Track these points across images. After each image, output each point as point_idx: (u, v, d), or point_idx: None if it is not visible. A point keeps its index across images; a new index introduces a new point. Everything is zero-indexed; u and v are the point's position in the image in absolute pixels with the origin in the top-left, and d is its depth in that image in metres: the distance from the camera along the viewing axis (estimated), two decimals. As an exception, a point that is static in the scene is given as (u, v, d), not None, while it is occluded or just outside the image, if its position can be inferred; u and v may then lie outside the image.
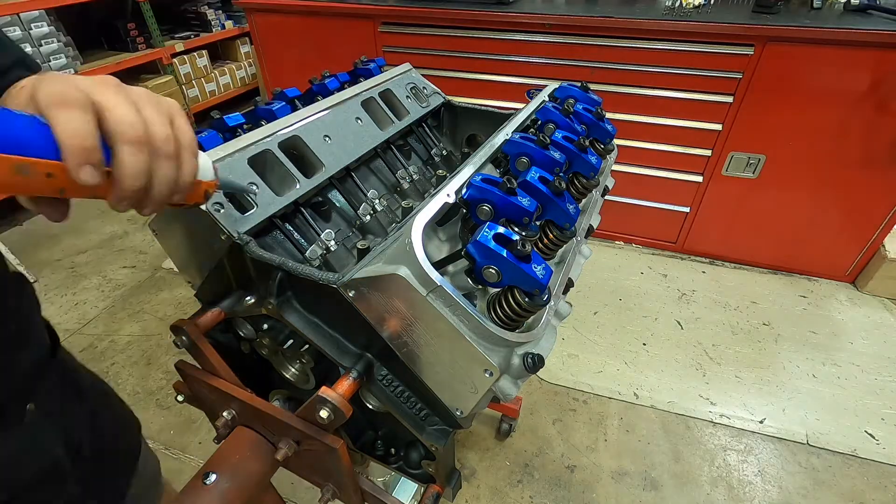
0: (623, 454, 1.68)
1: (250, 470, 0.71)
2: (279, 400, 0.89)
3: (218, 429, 0.77)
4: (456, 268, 0.69)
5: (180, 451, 1.70)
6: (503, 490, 1.58)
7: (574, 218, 0.66)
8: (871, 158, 2.02)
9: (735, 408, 1.83)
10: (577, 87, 0.95)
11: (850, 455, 1.68)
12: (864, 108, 1.92)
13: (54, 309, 2.31)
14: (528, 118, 0.85)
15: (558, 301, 0.70)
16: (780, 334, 2.13)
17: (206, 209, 0.64)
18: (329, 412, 0.62)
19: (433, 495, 0.76)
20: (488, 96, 2.40)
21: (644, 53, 2.07)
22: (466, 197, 0.62)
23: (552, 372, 1.96)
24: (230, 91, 4.27)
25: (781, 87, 1.98)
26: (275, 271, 0.66)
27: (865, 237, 2.23)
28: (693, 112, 2.15)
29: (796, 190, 2.20)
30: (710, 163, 2.25)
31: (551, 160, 0.70)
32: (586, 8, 2.19)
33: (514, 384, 0.59)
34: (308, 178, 0.80)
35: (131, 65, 3.41)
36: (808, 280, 2.43)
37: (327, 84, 0.97)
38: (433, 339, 0.56)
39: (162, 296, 2.39)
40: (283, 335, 0.79)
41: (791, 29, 1.85)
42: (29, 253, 2.68)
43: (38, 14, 2.80)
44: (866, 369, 1.97)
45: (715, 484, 1.60)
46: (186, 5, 4.00)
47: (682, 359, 2.02)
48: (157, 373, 1.99)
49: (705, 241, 2.52)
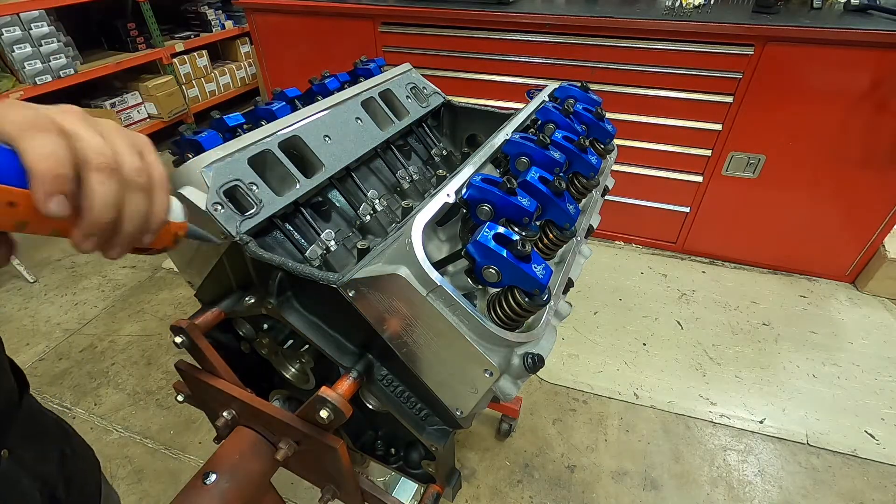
0: (623, 454, 1.68)
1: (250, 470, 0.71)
2: (279, 400, 0.89)
3: (218, 429, 0.77)
4: (456, 268, 0.69)
5: (180, 451, 1.70)
6: (503, 490, 1.58)
7: (574, 218, 0.66)
8: (871, 158, 2.02)
9: (735, 408, 1.83)
10: (577, 87, 0.95)
11: (850, 455, 1.68)
12: (864, 108, 1.92)
13: (54, 309, 2.31)
14: (528, 118, 0.85)
15: (558, 301, 0.70)
16: (780, 334, 2.13)
17: (206, 209, 0.64)
18: (329, 412, 0.62)
19: (433, 495, 0.76)
20: (488, 96, 2.40)
21: (644, 53, 2.07)
22: (466, 197, 0.62)
23: (552, 372, 1.96)
24: (230, 91, 4.27)
25: (781, 88, 1.98)
26: (275, 271, 0.66)
27: (865, 237, 2.23)
28: (693, 112, 2.15)
29: (796, 190, 2.20)
30: (710, 163, 2.25)
31: (551, 160, 0.70)
32: (586, 8, 2.19)
33: (514, 384, 0.59)
34: (308, 178, 0.80)
35: (131, 65, 3.41)
36: (808, 280, 2.43)
37: (327, 84, 0.97)
38: (433, 339, 0.56)
39: (162, 296, 2.39)
40: (283, 335, 0.79)
41: (791, 29, 1.85)
42: (29, 253, 2.68)
43: (38, 14, 2.80)
44: (866, 369, 1.97)
45: (715, 484, 1.60)
46: (186, 5, 4.00)
47: (682, 359, 2.02)
48: (157, 373, 1.99)
49: (705, 241, 2.52)
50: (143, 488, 1.59)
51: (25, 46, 2.78)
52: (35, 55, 2.82)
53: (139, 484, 1.60)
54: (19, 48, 2.76)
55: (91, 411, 1.84)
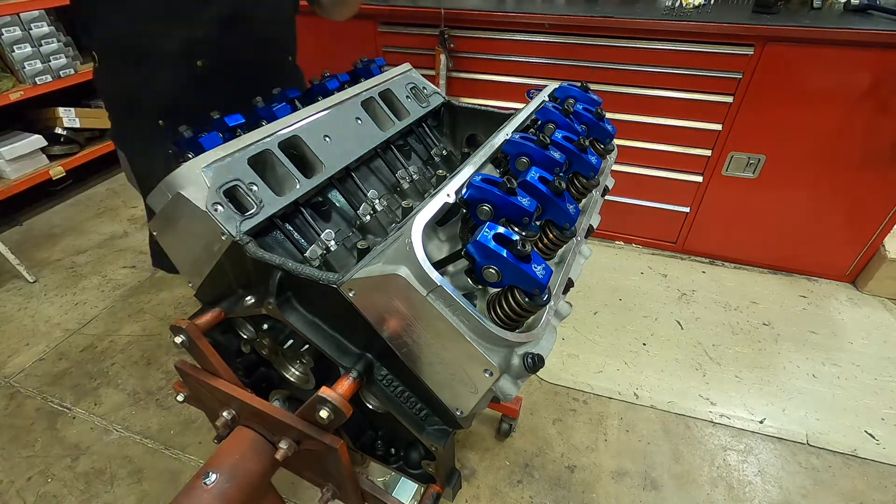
0: (623, 454, 1.68)
1: (250, 470, 0.71)
2: (279, 400, 0.89)
3: (218, 429, 0.77)
4: (456, 268, 0.69)
5: (180, 451, 1.70)
6: (503, 490, 1.58)
7: (574, 218, 0.66)
8: (871, 158, 2.02)
9: (735, 408, 1.83)
10: (577, 87, 0.95)
11: (850, 455, 1.68)
12: (864, 108, 1.92)
13: (54, 309, 2.31)
14: (528, 118, 0.85)
15: (558, 301, 0.70)
16: (780, 334, 2.13)
17: (206, 209, 0.64)
18: (329, 412, 0.62)
19: (433, 495, 0.76)
20: (488, 96, 2.40)
21: (644, 53, 2.07)
22: (466, 197, 0.62)
23: (552, 372, 1.96)
24: (230, 91, 4.26)
25: (781, 88, 1.98)
26: (275, 271, 0.66)
27: (865, 237, 2.23)
28: (693, 112, 2.15)
29: (796, 190, 2.20)
30: (710, 163, 2.25)
31: (551, 160, 0.70)
32: (586, 8, 2.19)
33: (514, 384, 0.59)
34: (308, 178, 0.80)
35: (131, 65, 3.41)
36: (808, 280, 2.43)
37: (327, 84, 0.97)
38: (433, 339, 0.56)
39: (162, 296, 2.39)
40: (283, 335, 0.79)
41: (791, 29, 1.85)
42: (29, 253, 2.68)
43: (38, 14, 2.80)
44: (866, 369, 1.97)
45: (715, 484, 1.60)
46: (186, 5, 4.00)
47: (682, 359, 2.02)
48: (157, 373, 1.99)
49: (705, 241, 2.52)
50: (143, 488, 1.59)
51: (25, 46, 2.78)
52: (35, 55, 2.82)
53: (139, 484, 1.60)
54: (19, 48, 2.76)
55: (91, 411, 1.84)
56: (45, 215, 3.08)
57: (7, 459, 1.68)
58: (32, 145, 2.86)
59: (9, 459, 1.68)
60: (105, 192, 3.35)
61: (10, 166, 2.80)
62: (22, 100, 2.78)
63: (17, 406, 1.86)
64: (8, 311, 2.31)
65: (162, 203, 0.70)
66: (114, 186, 3.40)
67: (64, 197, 3.26)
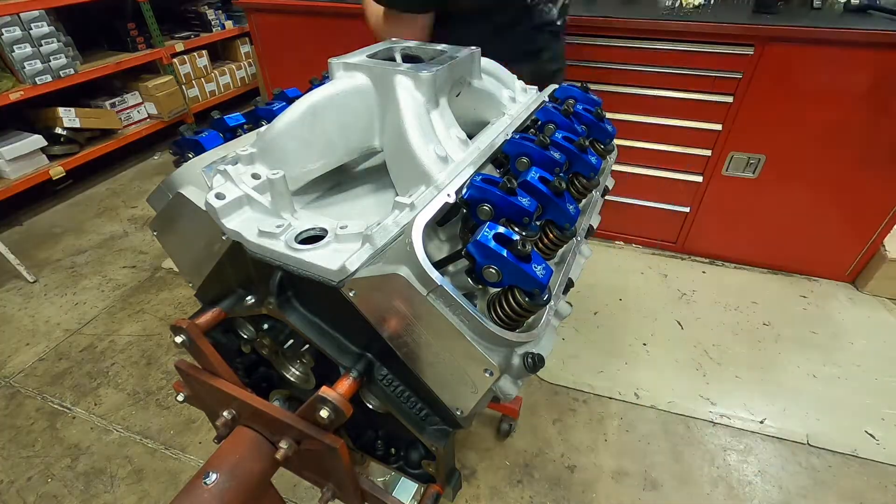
0: (623, 454, 1.68)
1: (250, 470, 0.71)
2: (279, 400, 0.89)
3: (218, 429, 0.77)
4: (456, 268, 0.69)
5: (180, 451, 1.70)
6: (503, 490, 1.58)
7: (574, 218, 0.66)
8: (871, 158, 2.02)
9: (735, 408, 1.83)
10: (577, 88, 0.95)
11: (850, 455, 1.68)
12: (864, 108, 1.92)
13: (54, 309, 2.31)
14: (528, 118, 0.85)
15: (558, 301, 0.70)
16: (781, 334, 2.13)
17: (206, 209, 0.64)
18: (329, 412, 0.62)
19: (433, 495, 0.76)
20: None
21: (644, 53, 2.07)
22: (466, 197, 0.62)
23: (552, 372, 1.96)
24: (230, 91, 4.27)
25: (781, 87, 1.98)
26: (275, 271, 0.66)
27: (865, 237, 2.23)
28: (693, 112, 2.15)
29: (796, 190, 2.20)
30: (710, 163, 2.25)
31: (551, 160, 0.70)
32: (586, 8, 2.19)
33: (515, 384, 0.59)
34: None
35: (131, 65, 3.42)
36: (808, 280, 2.43)
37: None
38: (433, 339, 0.56)
39: (162, 296, 2.39)
40: (283, 335, 0.79)
41: (791, 29, 1.85)
42: (29, 253, 2.68)
43: (38, 14, 2.80)
44: (866, 369, 1.97)
45: (715, 484, 1.60)
46: (186, 5, 4.01)
47: (682, 359, 2.02)
48: (157, 373, 1.99)
49: (705, 241, 2.52)
50: (143, 488, 1.59)
51: (25, 46, 2.78)
52: (35, 55, 2.82)
53: (139, 484, 1.60)
54: (19, 48, 2.76)
55: (91, 411, 1.84)
56: (45, 215, 3.08)
57: (7, 459, 1.68)
58: (32, 145, 2.87)
59: (9, 459, 1.68)
60: (105, 192, 3.35)
61: (10, 166, 2.81)
62: (22, 100, 2.78)
63: (17, 406, 1.86)
64: (8, 311, 2.31)
65: (162, 203, 0.70)
66: (114, 186, 3.41)
67: (64, 197, 3.26)
